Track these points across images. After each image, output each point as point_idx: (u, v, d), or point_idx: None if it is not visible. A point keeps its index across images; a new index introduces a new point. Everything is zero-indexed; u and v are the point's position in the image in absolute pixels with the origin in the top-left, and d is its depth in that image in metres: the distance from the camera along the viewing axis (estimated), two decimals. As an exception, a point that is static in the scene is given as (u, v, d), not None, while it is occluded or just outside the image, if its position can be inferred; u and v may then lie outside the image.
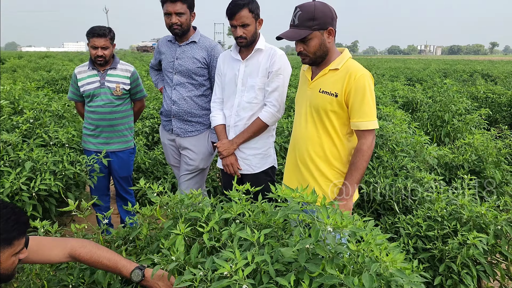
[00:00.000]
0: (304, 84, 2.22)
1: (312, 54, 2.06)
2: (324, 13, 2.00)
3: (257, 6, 2.53)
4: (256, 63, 2.60)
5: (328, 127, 2.08)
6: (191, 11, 2.90)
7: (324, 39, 2.03)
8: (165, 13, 2.84)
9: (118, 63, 3.40)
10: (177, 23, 2.82)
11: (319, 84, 2.10)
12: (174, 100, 2.99)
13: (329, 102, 2.04)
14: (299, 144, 2.20)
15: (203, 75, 2.96)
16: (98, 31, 3.19)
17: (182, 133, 3.04)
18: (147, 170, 4.48)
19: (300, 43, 2.07)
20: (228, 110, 2.73)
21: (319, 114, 2.09)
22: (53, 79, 8.79)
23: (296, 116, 2.29)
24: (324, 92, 2.05)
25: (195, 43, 2.97)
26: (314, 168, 2.14)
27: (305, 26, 2.00)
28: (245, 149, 2.69)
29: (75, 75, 3.36)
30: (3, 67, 14.98)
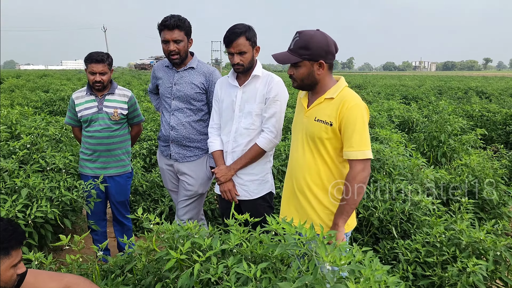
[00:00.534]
0: (301, 112, 2.24)
1: (299, 80, 2.10)
2: (318, 45, 2.02)
3: (254, 34, 2.57)
4: (254, 89, 2.62)
5: (324, 155, 2.09)
6: (188, 38, 2.93)
7: (313, 70, 2.06)
8: (162, 40, 2.87)
9: (116, 88, 3.43)
10: (175, 51, 2.85)
11: (315, 112, 2.11)
12: (172, 125, 3.00)
13: (325, 131, 2.05)
14: (296, 172, 2.20)
15: (201, 100, 2.98)
16: (96, 57, 3.22)
17: (181, 159, 3.04)
18: (145, 192, 4.46)
19: (292, 67, 2.10)
20: (226, 136, 2.74)
21: (315, 142, 2.10)
22: (50, 100, 8.81)
23: (292, 143, 2.30)
24: (319, 121, 2.07)
25: (193, 68, 3.00)
26: (312, 196, 2.14)
27: (297, 53, 2.04)
28: (243, 175, 2.69)
29: (72, 101, 3.37)
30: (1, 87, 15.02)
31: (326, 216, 2.13)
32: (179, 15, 2.87)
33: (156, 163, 5.15)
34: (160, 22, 2.86)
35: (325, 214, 2.13)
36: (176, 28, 2.81)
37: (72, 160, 3.41)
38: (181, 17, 2.87)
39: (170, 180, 3.21)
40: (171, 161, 3.10)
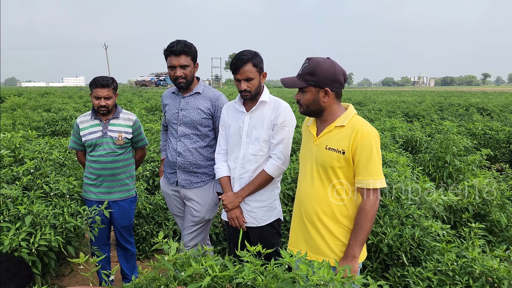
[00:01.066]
0: (309, 140, 2.21)
1: (305, 106, 2.10)
2: (325, 73, 2.02)
3: (260, 60, 2.57)
4: (261, 115, 2.61)
5: (335, 184, 2.06)
6: (194, 63, 2.93)
7: (318, 97, 2.05)
8: (169, 66, 2.86)
9: (121, 112, 3.42)
10: (181, 76, 2.85)
11: (325, 141, 2.09)
12: (179, 151, 2.97)
13: (337, 159, 2.02)
14: (305, 202, 2.16)
15: (207, 126, 2.96)
16: (101, 81, 3.22)
17: (188, 185, 3.01)
18: (148, 215, 4.41)
19: (299, 92, 2.11)
20: (233, 162, 2.71)
21: (326, 171, 2.07)
22: (53, 120, 8.82)
23: (300, 172, 2.27)
24: (331, 149, 2.04)
25: (199, 94, 2.99)
26: (322, 227, 2.10)
27: (304, 79, 2.05)
28: (251, 202, 2.65)
29: (77, 125, 3.36)
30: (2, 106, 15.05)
31: (337, 247, 2.09)
32: (185, 40, 2.88)
33: (159, 185, 5.11)
34: (166, 48, 2.87)
35: (336, 245, 2.09)
36: (183, 53, 2.81)
37: (76, 185, 3.38)
38: (188, 42, 2.87)
39: (176, 205, 3.17)
40: (177, 188, 3.07)
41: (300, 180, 2.26)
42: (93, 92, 3.26)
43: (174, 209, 3.21)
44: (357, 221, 1.99)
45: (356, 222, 2.00)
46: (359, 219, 1.98)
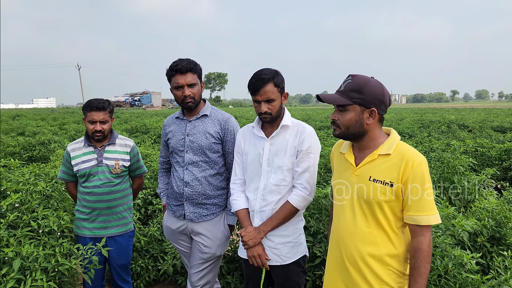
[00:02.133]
0: (346, 169, 1.97)
1: (344, 127, 1.85)
2: (374, 92, 1.81)
3: (282, 79, 2.34)
4: (283, 141, 2.37)
5: (381, 220, 1.82)
6: (201, 81, 2.69)
7: (362, 118, 1.83)
8: (175, 86, 2.60)
9: (117, 138, 3.12)
10: (190, 96, 2.59)
11: (368, 171, 1.85)
12: (186, 181, 2.69)
13: (383, 193, 1.79)
14: (346, 241, 1.90)
15: (217, 151, 2.70)
16: (97, 104, 2.94)
17: (196, 218, 2.71)
18: (142, 249, 4.06)
19: (337, 112, 1.87)
20: (252, 193, 2.45)
21: (370, 206, 1.83)
22: (29, 145, 8.31)
23: (337, 206, 2.01)
24: (376, 181, 1.81)
25: (206, 116, 2.73)
26: (367, 270, 1.84)
27: (348, 96, 1.81)
28: (274, 237, 2.38)
29: (68, 153, 3.04)
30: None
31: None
32: (189, 58, 2.64)
33: (153, 214, 4.76)
34: (169, 67, 2.61)
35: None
36: (189, 71, 2.57)
37: (68, 219, 3.03)
38: (191, 60, 2.63)
39: (182, 241, 2.86)
40: (184, 222, 2.76)
41: (337, 216, 2.00)
42: (87, 116, 2.96)
43: (180, 245, 2.89)
44: (415, 264, 1.74)
45: (413, 266, 1.75)
46: (417, 262, 1.73)
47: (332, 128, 1.93)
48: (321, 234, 3.26)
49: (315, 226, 3.30)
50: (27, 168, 3.82)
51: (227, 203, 2.78)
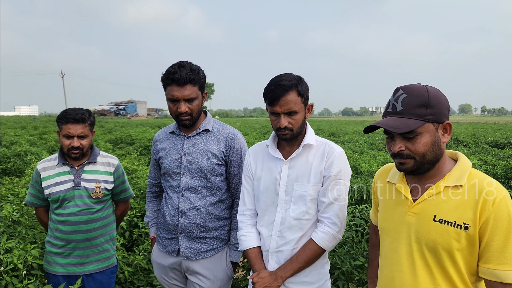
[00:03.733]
0: (399, 205, 1.51)
1: (420, 156, 1.38)
2: (440, 100, 1.38)
3: (306, 87, 1.87)
4: (306, 164, 1.90)
5: (452, 275, 1.36)
6: (202, 92, 2.21)
7: (438, 137, 1.38)
8: (169, 98, 2.12)
9: (98, 155, 2.62)
10: (186, 112, 2.11)
11: (432, 208, 1.40)
12: (182, 210, 2.20)
13: (455, 238, 1.34)
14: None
15: (220, 175, 2.22)
16: (74, 115, 2.43)
17: (193, 255, 2.22)
18: (126, 281, 3.53)
19: (402, 139, 1.39)
20: (266, 228, 1.97)
21: (437, 255, 1.38)
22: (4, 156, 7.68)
23: (388, 253, 1.55)
24: (444, 222, 1.36)
25: (208, 132, 2.26)
26: None
27: (415, 115, 1.35)
28: (294, 285, 1.90)
29: (37, 173, 2.52)
30: None
31: None
32: (191, 63, 2.13)
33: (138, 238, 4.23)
34: (165, 73, 2.11)
35: None
36: (189, 83, 2.08)
37: (36, 254, 2.51)
38: (194, 66, 2.13)
39: (174, 282, 2.36)
40: (178, 258, 2.27)
41: (389, 266, 1.53)
42: (62, 129, 2.45)
43: (171, 286, 2.38)
44: None
45: None
46: None
47: (397, 162, 1.44)
48: (338, 270, 2.79)
49: (330, 259, 2.83)
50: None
51: (230, 236, 2.31)
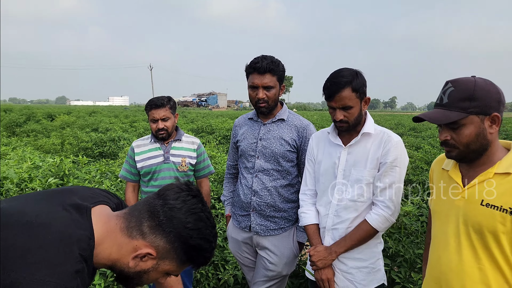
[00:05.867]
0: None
1: (464, 146, 1.49)
2: (488, 93, 1.45)
3: (362, 82, 1.99)
4: (364, 150, 2.04)
5: (496, 256, 1.45)
6: (280, 84, 2.42)
7: (483, 129, 1.46)
8: (250, 85, 2.37)
9: (183, 135, 2.97)
10: (263, 99, 2.35)
11: (481, 193, 1.49)
12: (255, 190, 2.45)
13: (501, 222, 1.42)
14: (449, 278, 1.55)
15: (291, 161, 2.43)
16: (156, 101, 2.82)
17: (263, 232, 2.46)
18: (203, 255, 3.89)
19: (448, 130, 1.51)
20: (324, 207, 2.15)
21: (483, 237, 1.47)
22: (101, 141, 8.60)
23: (437, 234, 1.66)
24: (491, 206, 1.44)
25: (283, 121, 2.47)
26: None
27: (458, 107, 1.46)
28: (347, 260, 2.07)
29: (132, 149, 2.93)
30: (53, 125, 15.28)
31: None
32: (272, 56, 2.37)
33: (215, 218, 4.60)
34: (248, 64, 2.37)
35: None
36: (268, 72, 2.31)
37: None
38: (275, 59, 2.36)
39: (246, 254, 2.63)
40: (250, 234, 2.53)
41: (437, 246, 1.65)
42: (149, 115, 2.84)
43: (243, 259, 2.65)
44: None
45: None
46: None
47: (444, 149, 1.56)
48: (401, 257, 2.87)
49: (393, 247, 2.92)
50: (94, 166, 3.81)
51: (298, 217, 2.52)
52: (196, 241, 1.16)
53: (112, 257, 1.14)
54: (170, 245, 1.15)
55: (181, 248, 1.15)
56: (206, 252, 1.20)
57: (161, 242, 1.14)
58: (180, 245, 1.15)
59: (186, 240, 1.14)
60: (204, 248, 1.18)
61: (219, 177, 5.14)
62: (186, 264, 1.20)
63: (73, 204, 1.14)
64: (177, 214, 1.14)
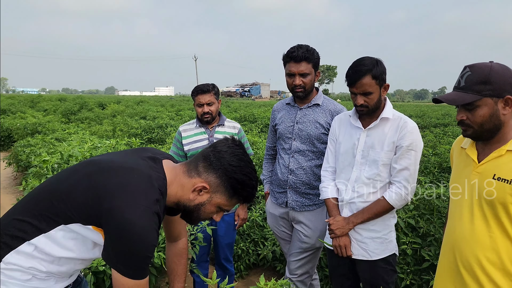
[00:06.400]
0: (467, 166, 1.77)
1: (478, 125, 1.64)
2: (502, 77, 1.59)
3: (382, 70, 2.17)
4: (381, 134, 2.23)
5: (506, 226, 1.60)
6: (315, 71, 2.63)
7: (497, 110, 1.61)
8: (287, 73, 2.59)
9: (225, 120, 3.24)
10: (300, 85, 2.56)
11: (493, 168, 1.64)
12: (291, 169, 2.68)
13: (510, 194, 1.57)
14: (462, 246, 1.72)
15: (325, 143, 2.63)
16: (202, 87, 3.09)
17: (298, 207, 2.69)
18: (244, 233, 4.19)
19: (464, 111, 1.66)
20: (342, 183, 2.36)
21: (494, 209, 1.62)
22: (149, 127, 9.12)
23: (453, 206, 1.82)
24: (502, 180, 1.59)
25: (318, 105, 2.67)
26: (485, 279, 1.64)
27: (473, 90, 1.60)
28: (361, 231, 2.28)
29: (179, 133, 3.22)
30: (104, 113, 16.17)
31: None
32: (307, 45, 2.58)
33: (255, 200, 4.88)
34: (285, 53, 2.59)
35: (505, 302, 1.62)
36: (304, 60, 2.52)
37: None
38: (310, 47, 2.57)
39: (283, 229, 2.87)
40: (286, 209, 2.77)
41: (453, 217, 1.81)
42: (195, 100, 3.12)
43: (280, 233, 2.90)
44: None
45: None
46: None
47: (461, 128, 1.72)
48: (431, 236, 3.01)
49: (425, 227, 3.06)
50: (146, 147, 4.17)
51: None
52: (239, 176, 1.42)
53: (178, 195, 1.46)
54: (219, 179, 1.43)
55: (228, 182, 1.43)
56: (248, 187, 1.45)
57: (212, 178, 1.43)
58: (227, 179, 1.43)
59: (231, 175, 1.42)
60: (246, 183, 1.44)
61: (260, 161, 5.41)
62: (234, 199, 1.47)
63: (148, 156, 1.48)
64: (224, 156, 1.43)
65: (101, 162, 1.41)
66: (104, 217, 1.27)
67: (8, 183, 7.80)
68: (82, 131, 7.58)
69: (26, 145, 7.23)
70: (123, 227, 1.23)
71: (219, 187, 1.45)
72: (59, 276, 1.43)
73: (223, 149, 1.46)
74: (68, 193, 1.32)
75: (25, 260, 1.32)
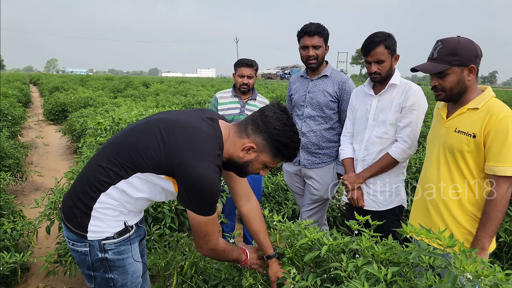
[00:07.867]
0: (439, 123, 2.15)
1: (448, 90, 1.99)
2: (467, 49, 1.94)
3: (393, 42, 2.54)
4: (390, 98, 2.59)
5: (463, 169, 1.98)
6: (325, 44, 3.03)
7: (463, 76, 1.96)
8: (301, 46, 3.01)
9: (257, 95, 3.67)
10: (313, 56, 2.96)
11: (455, 123, 2.01)
12: (303, 132, 3.11)
13: (466, 143, 1.94)
14: (430, 187, 2.12)
15: (333, 109, 3.04)
16: (246, 61, 3.53)
17: (309, 165, 3.13)
18: (269, 194, 4.67)
19: (436, 78, 2.01)
20: (358, 144, 2.75)
21: (453, 155, 2.00)
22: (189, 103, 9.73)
23: (427, 155, 2.22)
24: (460, 132, 1.97)
25: (327, 77, 3.08)
26: (446, 212, 2.04)
27: (444, 61, 1.96)
28: (372, 185, 2.67)
29: (216, 99, 3.67)
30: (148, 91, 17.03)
31: (461, 234, 2.01)
32: (318, 23, 3.00)
33: (280, 167, 5.36)
34: (300, 29, 3.01)
35: (460, 233, 2.01)
36: (316, 34, 2.93)
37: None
38: (321, 24, 2.98)
39: (297, 184, 3.32)
40: (299, 167, 3.21)
41: (426, 163, 2.21)
42: (237, 71, 3.55)
43: (295, 188, 3.36)
44: (486, 211, 1.88)
45: (484, 212, 1.89)
46: (488, 209, 1.87)
47: (434, 93, 2.07)
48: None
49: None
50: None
51: (338, 154, 3.14)
52: (283, 139, 1.61)
53: (230, 151, 1.66)
54: (265, 141, 1.62)
55: (272, 143, 1.62)
56: (290, 148, 1.64)
57: (259, 139, 1.63)
58: (271, 141, 1.61)
59: (276, 137, 1.60)
60: (288, 145, 1.62)
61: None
62: (278, 158, 1.67)
63: (207, 117, 1.69)
64: (270, 120, 1.61)
65: (169, 121, 1.63)
66: (177, 170, 1.50)
67: (63, 151, 8.69)
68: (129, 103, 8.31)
69: (79, 116, 8.05)
70: (194, 179, 1.46)
71: (265, 147, 1.63)
72: (136, 211, 1.75)
73: (270, 114, 1.62)
74: (144, 149, 1.55)
75: (113, 200, 1.63)
